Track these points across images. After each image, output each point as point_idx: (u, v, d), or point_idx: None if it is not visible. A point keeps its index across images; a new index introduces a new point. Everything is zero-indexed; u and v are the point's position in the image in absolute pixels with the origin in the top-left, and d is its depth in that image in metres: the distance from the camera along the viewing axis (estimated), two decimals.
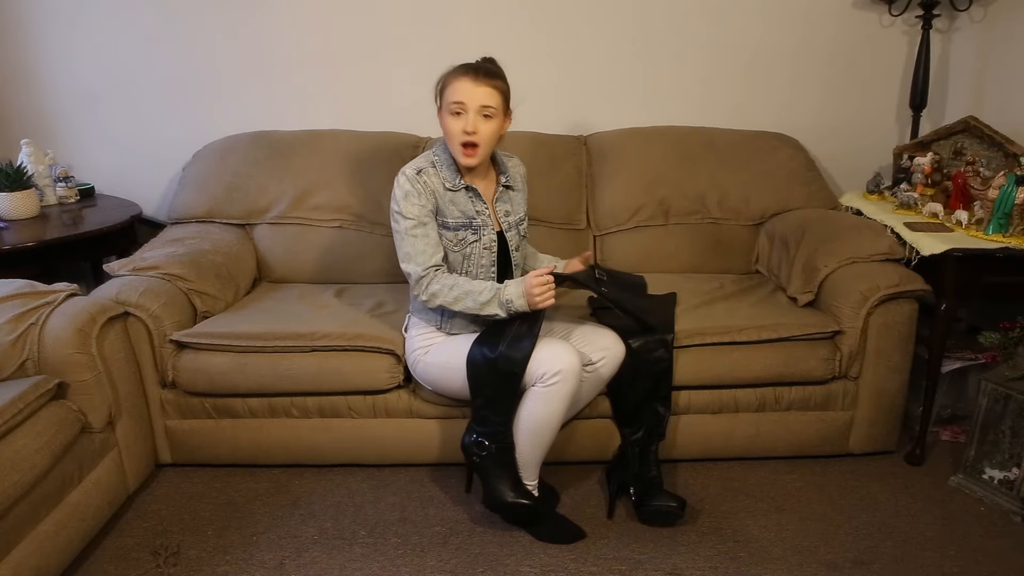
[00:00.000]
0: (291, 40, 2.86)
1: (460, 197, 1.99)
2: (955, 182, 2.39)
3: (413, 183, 1.95)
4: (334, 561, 1.91)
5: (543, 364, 1.85)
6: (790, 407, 2.25)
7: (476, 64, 1.96)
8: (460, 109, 1.91)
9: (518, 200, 2.10)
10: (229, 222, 2.70)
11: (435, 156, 2.01)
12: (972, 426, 2.22)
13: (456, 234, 1.99)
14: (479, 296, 1.92)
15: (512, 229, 2.06)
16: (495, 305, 1.91)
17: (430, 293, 1.96)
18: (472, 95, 1.91)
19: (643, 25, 2.89)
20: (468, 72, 1.92)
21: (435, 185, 1.97)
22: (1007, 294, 2.27)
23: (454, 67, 1.96)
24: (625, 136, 2.84)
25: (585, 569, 1.88)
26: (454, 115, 1.92)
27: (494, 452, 1.96)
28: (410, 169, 1.97)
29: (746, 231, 2.74)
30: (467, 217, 1.99)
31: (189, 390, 2.18)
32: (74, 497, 1.85)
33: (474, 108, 1.91)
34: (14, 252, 2.32)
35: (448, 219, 1.98)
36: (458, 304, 1.94)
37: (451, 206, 1.98)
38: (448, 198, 1.98)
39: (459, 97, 1.91)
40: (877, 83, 2.97)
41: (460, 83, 1.92)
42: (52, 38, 2.84)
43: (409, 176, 1.95)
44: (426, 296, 1.96)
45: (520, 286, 1.90)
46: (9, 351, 1.85)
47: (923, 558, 1.93)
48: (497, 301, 1.91)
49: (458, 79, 1.92)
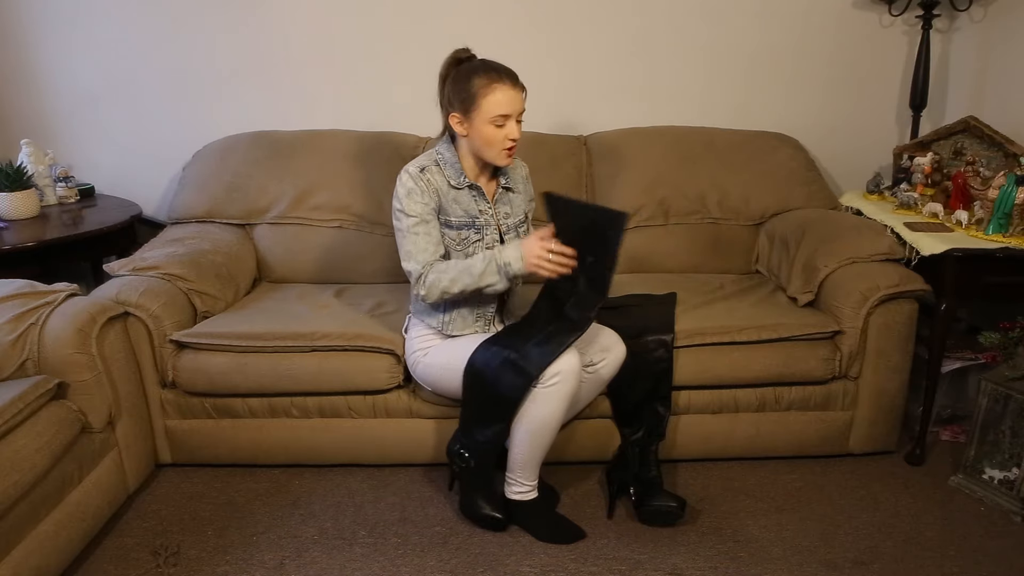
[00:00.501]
0: (291, 40, 2.86)
1: (464, 196, 1.98)
2: (955, 182, 2.39)
3: (416, 181, 1.93)
4: (334, 561, 1.91)
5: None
6: (790, 407, 2.25)
7: (496, 64, 1.90)
8: (503, 121, 1.88)
9: (518, 202, 2.08)
10: (229, 222, 2.70)
11: (438, 155, 1.98)
12: (972, 426, 2.22)
13: (459, 233, 1.98)
14: (473, 268, 1.89)
15: (511, 231, 2.05)
16: (492, 273, 1.88)
17: (428, 284, 1.92)
18: (516, 104, 1.88)
19: (643, 25, 2.89)
20: (503, 78, 1.86)
21: (438, 183, 1.95)
22: (1007, 294, 2.28)
23: (478, 72, 1.88)
24: (625, 136, 2.84)
25: (585, 569, 1.88)
26: (498, 126, 1.88)
27: (473, 467, 1.98)
28: (413, 167, 1.95)
29: (746, 231, 2.74)
30: (470, 216, 1.97)
31: (189, 390, 2.18)
32: (74, 497, 1.85)
33: (515, 115, 1.89)
34: (14, 252, 2.32)
35: (451, 217, 1.97)
36: (456, 285, 1.90)
37: (454, 204, 1.97)
38: (452, 196, 1.96)
39: (505, 110, 1.86)
40: (877, 83, 2.97)
41: (503, 92, 1.86)
42: (52, 38, 2.84)
43: (412, 174, 1.93)
44: (425, 290, 1.93)
45: (518, 249, 1.87)
46: (9, 351, 1.85)
47: (923, 558, 1.93)
48: (494, 265, 1.88)
49: (499, 87, 1.86)
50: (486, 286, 1.90)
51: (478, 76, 1.87)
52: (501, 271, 1.88)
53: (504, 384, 1.86)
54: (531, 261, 1.85)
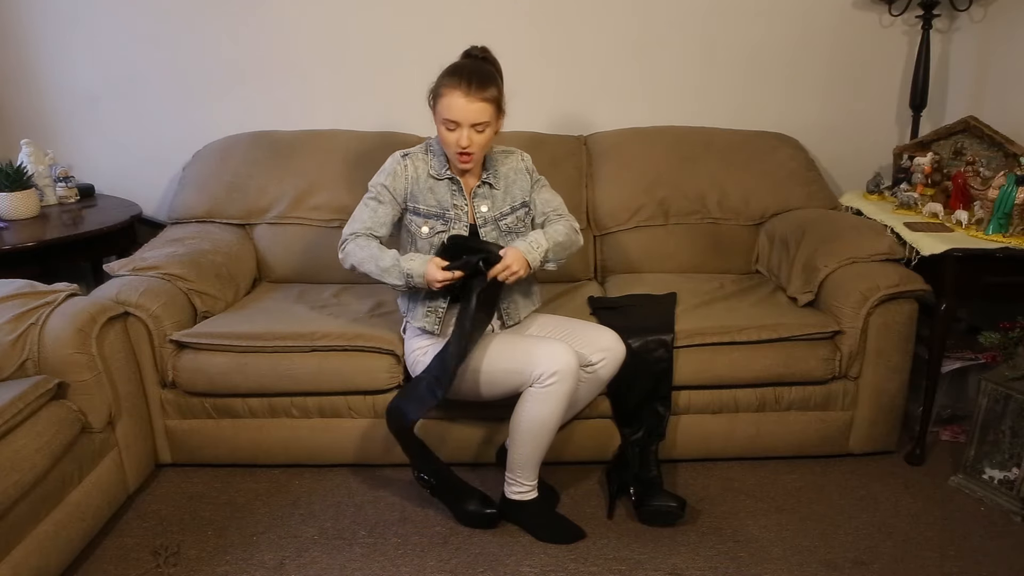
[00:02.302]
0: (291, 40, 2.86)
1: (441, 187, 2.02)
2: (955, 182, 2.39)
3: (395, 163, 2.03)
4: (334, 561, 1.91)
5: (540, 365, 1.85)
6: (790, 407, 2.25)
7: (468, 69, 1.91)
8: (454, 126, 1.92)
9: (500, 197, 2.07)
10: (229, 222, 2.70)
11: (431, 144, 2.06)
12: (972, 426, 2.22)
13: (426, 221, 2.02)
14: (381, 261, 1.96)
15: (488, 224, 2.04)
16: (394, 275, 1.95)
17: (347, 251, 2.02)
18: (464, 113, 1.89)
19: (643, 25, 2.89)
20: (460, 84, 1.89)
21: (417, 170, 2.02)
22: (1007, 294, 2.27)
23: (447, 72, 1.93)
24: (625, 136, 2.84)
25: (585, 569, 1.88)
26: (448, 129, 1.93)
27: (436, 485, 2.02)
28: (400, 152, 2.06)
29: (746, 231, 2.74)
30: (442, 208, 2.02)
31: (189, 390, 2.18)
32: (74, 497, 1.85)
33: (467, 124, 1.91)
34: (14, 252, 2.32)
35: (420, 205, 2.02)
36: (364, 265, 1.99)
37: (428, 193, 2.02)
38: (428, 185, 2.02)
39: (452, 115, 1.90)
40: (877, 83, 2.97)
41: (453, 99, 1.89)
42: (52, 38, 2.84)
43: (395, 157, 2.05)
44: (343, 254, 2.03)
45: (424, 266, 1.92)
46: (9, 351, 1.85)
47: (923, 558, 1.93)
48: (398, 270, 1.94)
49: (451, 93, 1.89)
50: (388, 281, 1.97)
51: (446, 75, 1.93)
52: (403, 276, 1.94)
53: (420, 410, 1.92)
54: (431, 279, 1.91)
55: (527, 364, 1.87)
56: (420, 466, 2.02)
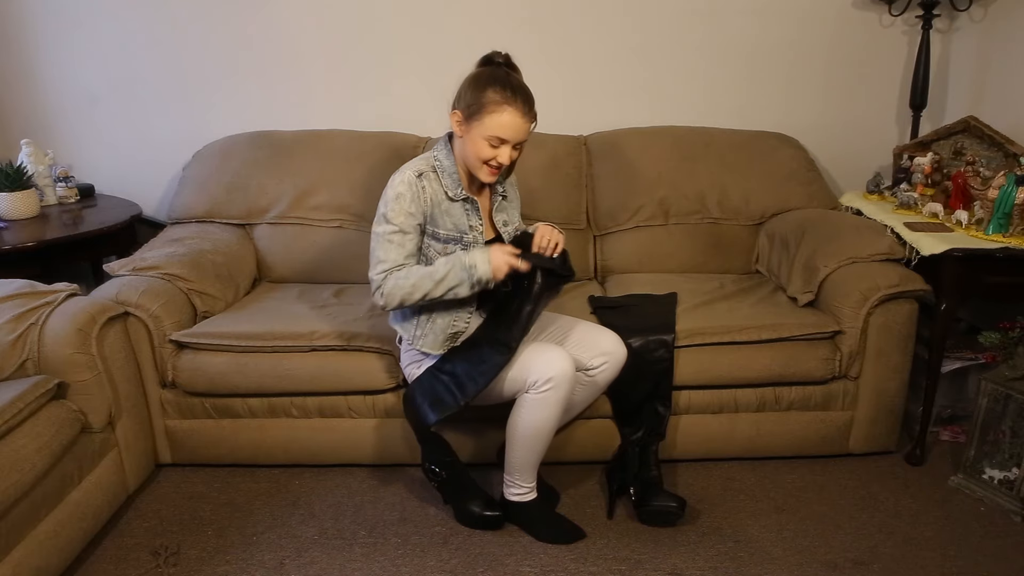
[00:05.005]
0: (291, 40, 2.86)
1: (457, 209, 1.90)
2: (955, 182, 2.39)
3: (410, 186, 1.83)
4: (334, 561, 1.91)
5: (534, 371, 1.83)
6: (790, 407, 2.25)
7: (517, 85, 1.80)
8: (498, 143, 1.80)
9: (511, 209, 2.05)
10: (229, 222, 2.70)
11: (436, 161, 1.90)
12: (972, 426, 2.22)
13: (445, 247, 1.90)
14: (436, 272, 1.82)
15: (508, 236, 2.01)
16: (457, 272, 1.81)
17: (386, 293, 1.84)
18: (518, 133, 1.80)
19: (643, 25, 2.89)
20: (516, 102, 1.78)
21: (434, 192, 1.87)
22: (1007, 294, 2.27)
23: (496, 86, 1.79)
24: (625, 136, 2.83)
25: (585, 569, 1.88)
26: (492, 146, 1.81)
27: (447, 479, 2.00)
28: (411, 171, 1.85)
29: (746, 231, 2.74)
30: (459, 231, 1.90)
31: (189, 390, 2.18)
32: (74, 497, 1.85)
33: (515, 142, 1.82)
34: (14, 252, 2.32)
35: (439, 230, 1.89)
36: (418, 291, 1.82)
37: (445, 216, 1.88)
38: (444, 208, 1.88)
39: (504, 133, 1.78)
40: (877, 83, 2.97)
41: (509, 117, 1.77)
42: (52, 38, 2.84)
43: (407, 179, 1.84)
44: (384, 300, 1.85)
45: (485, 253, 1.82)
46: (9, 351, 1.85)
47: (923, 558, 1.93)
48: (460, 266, 1.81)
49: (505, 110, 1.77)
50: (449, 289, 1.82)
51: (494, 89, 1.78)
52: (467, 270, 1.81)
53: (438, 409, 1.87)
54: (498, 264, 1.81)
55: (523, 370, 1.85)
56: (432, 457, 1.99)
